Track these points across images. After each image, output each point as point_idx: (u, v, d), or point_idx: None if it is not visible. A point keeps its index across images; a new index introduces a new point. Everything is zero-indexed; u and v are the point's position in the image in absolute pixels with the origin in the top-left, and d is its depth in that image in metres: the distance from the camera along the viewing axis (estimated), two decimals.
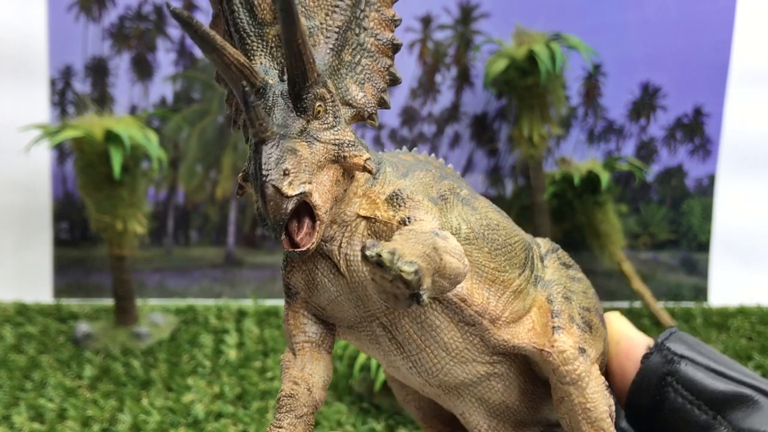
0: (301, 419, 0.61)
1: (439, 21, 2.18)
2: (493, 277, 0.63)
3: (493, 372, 0.65)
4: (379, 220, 0.60)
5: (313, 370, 0.62)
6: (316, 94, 0.55)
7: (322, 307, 0.62)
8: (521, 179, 2.25)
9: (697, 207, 2.26)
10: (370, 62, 0.60)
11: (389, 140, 2.22)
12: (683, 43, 2.16)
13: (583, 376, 0.63)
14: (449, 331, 0.61)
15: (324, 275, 0.60)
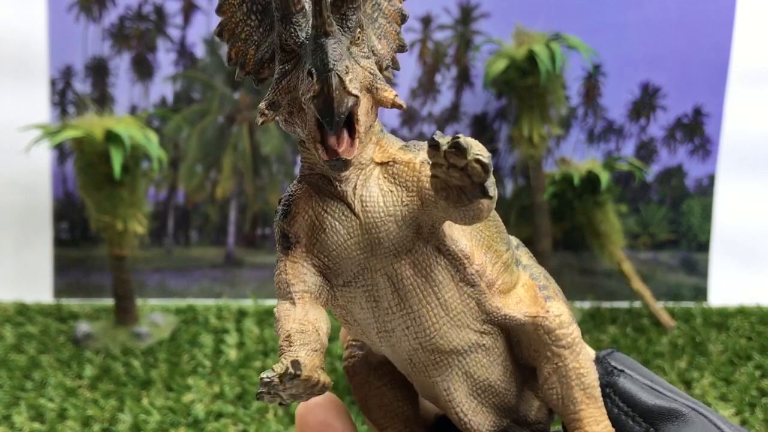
0: (317, 353, 0.58)
1: (439, 21, 2.18)
2: (488, 244, 0.65)
3: (482, 343, 0.65)
4: (399, 162, 0.62)
5: (317, 316, 0.60)
6: (358, 19, 0.57)
7: (327, 254, 0.60)
8: (521, 179, 2.25)
9: (696, 207, 2.26)
10: (384, 22, 0.63)
11: None
12: (683, 43, 2.17)
13: (577, 341, 0.65)
14: (449, 290, 0.62)
15: (335, 217, 0.60)
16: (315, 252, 0.60)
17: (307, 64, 0.54)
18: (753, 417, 1.52)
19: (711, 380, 1.69)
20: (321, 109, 0.53)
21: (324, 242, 0.60)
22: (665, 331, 1.99)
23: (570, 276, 2.27)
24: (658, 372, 1.74)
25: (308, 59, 0.54)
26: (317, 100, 0.53)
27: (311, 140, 0.56)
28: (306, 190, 0.61)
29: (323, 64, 0.53)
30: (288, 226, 0.60)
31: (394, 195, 0.60)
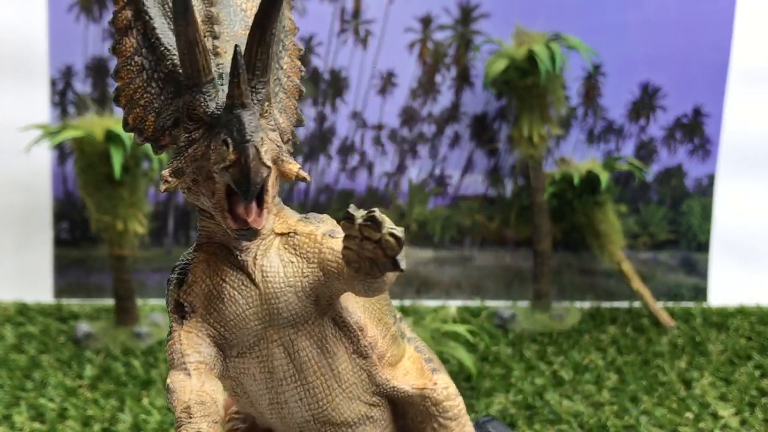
0: (217, 425, 0.58)
1: (439, 21, 2.18)
2: (379, 317, 0.66)
3: (370, 415, 0.66)
4: (300, 233, 0.62)
5: (214, 387, 0.59)
6: (267, 92, 0.58)
7: (224, 324, 0.60)
8: (521, 179, 2.25)
9: (696, 207, 2.26)
10: (284, 97, 0.65)
11: (389, 140, 2.22)
12: (683, 44, 2.17)
13: (463, 413, 0.67)
14: (343, 362, 0.63)
15: (233, 287, 0.60)
16: (211, 322, 0.60)
17: (222, 134, 0.53)
18: (753, 417, 1.52)
19: (711, 380, 1.70)
20: (237, 178, 0.53)
21: (221, 312, 0.60)
22: (665, 331, 2.00)
23: (570, 276, 2.27)
24: (658, 372, 1.74)
25: (222, 129, 0.54)
26: (233, 170, 0.53)
27: (219, 209, 0.56)
28: (203, 259, 0.61)
29: (240, 135, 0.53)
30: (183, 294, 0.60)
31: (295, 266, 0.61)
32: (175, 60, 0.59)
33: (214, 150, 0.55)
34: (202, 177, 0.56)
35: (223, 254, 0.61)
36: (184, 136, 0.57)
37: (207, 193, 0.57)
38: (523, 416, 1.53)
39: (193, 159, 0.56)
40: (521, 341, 1.93)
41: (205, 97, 0.56)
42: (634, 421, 1.50)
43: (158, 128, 0.59)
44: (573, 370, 1.75)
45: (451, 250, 2.26)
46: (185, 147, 0.57)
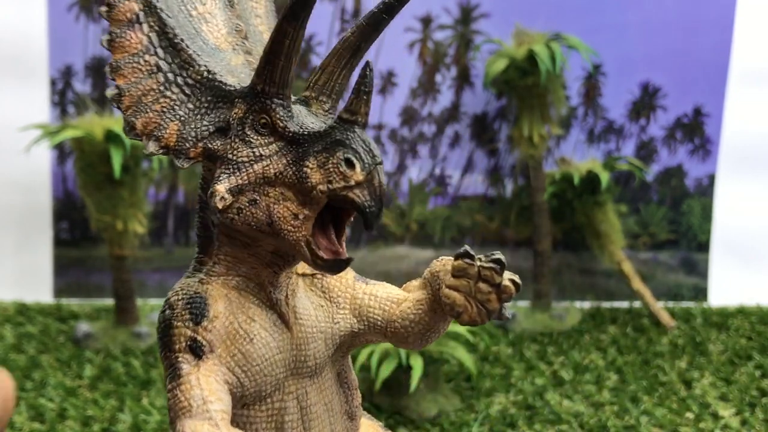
0: None
1: (439, 21, 2.18)
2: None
3: None
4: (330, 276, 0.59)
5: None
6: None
7: (247, 369, 0.53)
8: (521, 179, 2.25)
9: (696, 207, 2.26)
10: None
11: (389, 140, 2.22)
12: (683, 43, 2.17)
13: None
14: (339, 422, 0.60)
15: (265, 328, 0.54)
16: (232, 365, 0.53)
17: (342, 152, 0.49)
18: (753, 417, 1.52)
19: (711, 380, 1.69)
20: (367, 201, 0.49)
21: (249, 355, 0.53)
22: (665, 331, 1.99)
23: (570, 276, 2.27)
24: (658, 372, 1.74)
25: (335, 147, 0.50)
26: (362, 192, 0.49)
27: (298, 236, 0.50)
28: (221, 294, 0.54)
29: (370, 155, 0.51)
30: (203, 332, 0.52)
31: (326, 310, 0.58)
32: (210, 67, 0.55)
33: (313, 168, 0.49)
34: (268, 198, 0.50)
35: (250, 289, 0.55)
36: (246, 150, 0.51)
37: (274, 216, 0.50)
38: (524, 416, 1.52)
39: (261, 177, 0.51)
40: (521, 341, 1.93)
41: (286, 111, 0.52)
42: (634, 422, 1.50)
43: (187, 138, 0.53)
44: (573, 370, 1.75)
45: (451, 250, 2.26)
46: (248, 163, 0.51)
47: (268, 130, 0.52)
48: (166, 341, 0.53)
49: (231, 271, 0.55)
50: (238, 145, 0.52)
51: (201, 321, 0.52)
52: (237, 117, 0.53)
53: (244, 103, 0.53)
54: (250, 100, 0.52)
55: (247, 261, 0.55)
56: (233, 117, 0.53)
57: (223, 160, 0.52)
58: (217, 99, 0.54)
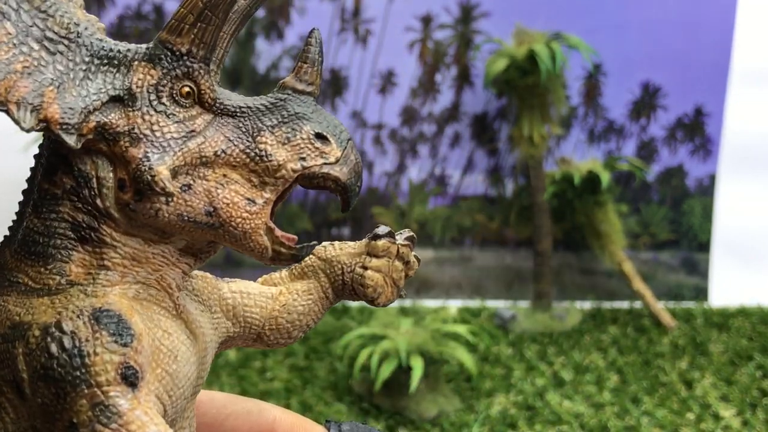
0: None
1: (439, 20, 2.17)
2: None
3: None
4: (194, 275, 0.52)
5: None
6: None
7: (172, 393, 0.45)
8: (521, 179, 2.24)
9: (697, 207, 2.25)
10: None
11: (389, 140, 2.22)
12: (684, 43, 2.16)
13: None
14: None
15: (182, 341, 0.46)
16: (161, 392, 0.43)
17: (309, 126, 0.44)
18: (754, 417, 1.52)
19: (712, 381, 1.69)
20: (347, 180, 0.44)
21: (176, 376, 0.45)
22: (666, 332, 1.99)
23: (570, 276, 2.27)
24: (659, 372, 1.74)
25: (303, 120, 0.44)
26: (341, 168, 0.44)
27: (254, 223, 0.44)
28: (129, 305, 0.43)
29: (341, 130, 0.45)
30: (134, 354, 0.41)
31: (206, 315, 0.50)
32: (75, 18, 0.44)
33: (291, 145, 0.44)
34: (207, 182, 0.43)
35: (152, 298, 0.46)
36: (172, 125, 0.43)
37: (219, 203, 0.43)
38: (524, 417, 1.52)
39: (197, 157, 0.43)
40: (522, 341, 1.92)
41: (214, 79, 0.44)
42: (635, 422, 1.49)
43: (73, 109, 0.42)
44: (574, 370, 1.75)
45: (451, 250, 2.25)
46: (179, 140, 0.43)
47: (190, 101, 0.44)
48: (79, 377, 0.39)
49: (127, 278, 0.45)
50: (156, 119, 0.43)
51: (130, 341, 0.41)
52: (147, 84, 0.43)
53: (154, 66, 0.44)
54: (168, 63, 0.44)
55: (150, 262, 0.46)
56: (138, 83, 0.43)
57: (136, 137, 0.43)
58: (100, 60, 0.44)
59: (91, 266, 0.44)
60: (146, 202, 0.43)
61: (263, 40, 2.09)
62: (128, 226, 0.44)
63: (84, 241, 0.44)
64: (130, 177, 0.43)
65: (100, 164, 0.44)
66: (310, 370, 1.74)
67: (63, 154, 0.44)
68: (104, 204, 0.44)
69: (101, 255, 0.44)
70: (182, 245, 0.47)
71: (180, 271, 0.47)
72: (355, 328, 1.66)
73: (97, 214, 0.44)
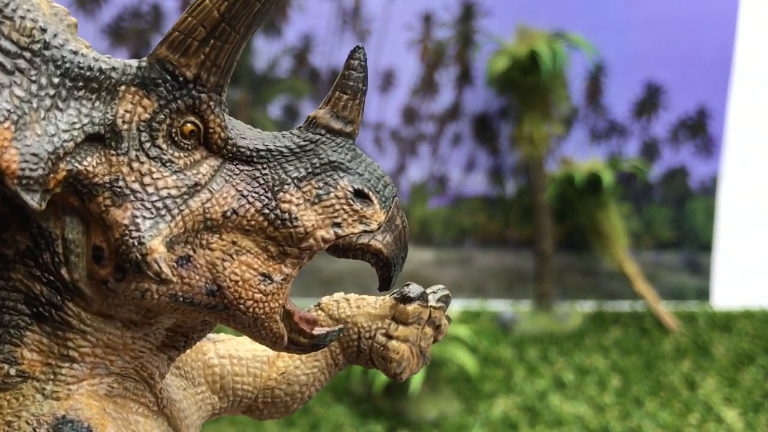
0: None
1: (439, 19, 2.16)
2: None
3: None
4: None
5: None
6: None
7: None
8: (522, 179, 2.23)
9: (700, 207, 2.24)
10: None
11: (389, 139, 2.20)
12: (686, 42, 2.15)
13: None
14: None
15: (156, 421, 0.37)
16: None
17: (347, 180, 0.34)
18: (757, 419, 1.51)
19: (715, 382, 1.68)
20: (393, 251, 0.34)
21: None
22: (668, 333, 1.98)
23: (572, 277, 2.25)
24: (661, 374, 1.72)
25: (339, 171, 0.34)
26: (383, 236, 0.34)
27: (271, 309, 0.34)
28: (101, 410, 0.34)
29: (385, 184, 0.35)
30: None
31: (188, 393, 0.42)
32: (43, 24, 0.31)
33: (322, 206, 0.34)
34: (212, 253, 0.33)
35: (129, 394, 0.36)
36: (169, 176, 0.33)
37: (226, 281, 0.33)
38: (525, 418, 1.51)
39: (200, 221, 0.33)
40: (523, 343, 1.91)
41: (224, 112, 0.34)
42: (637, 424, 1.48)
43: (36, 154, 0.30)
44: (575, 372, 1.73)
45: (451, 251, 2.24)
46: (178, 198, 0.33)
47: (194, 142, 0.33)
48: None
49: (97, 370, 0.35)
50: (149, 167, 0.32)
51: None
52: (138, 118, 0.33)
53: (148, 95, 0.32)
54: (168, 91, 0.33)
55: (129, 349, 0.35)
56: (125, 117, 0.32)
57: (120, 193, 0.32)
58: (73, 82, 0.32)
59: (51, 354, 0.33)
60: (131, 282, 0.32)
61: (262, 38, 2.08)
62: (102, 305, 0.33)
63: (41, 320, 0.33)
64: (110, 247, 0.32)
65: (68, 222, 0.32)
66: None
67: (17, 205, 0.31)
68: (71, 276, 0.32)
69: (65, 341, 0.33)
70: (170, 324, 0.36)
71: (165, 358, 0.37)
72: None
73: (60, 287, 0.33)
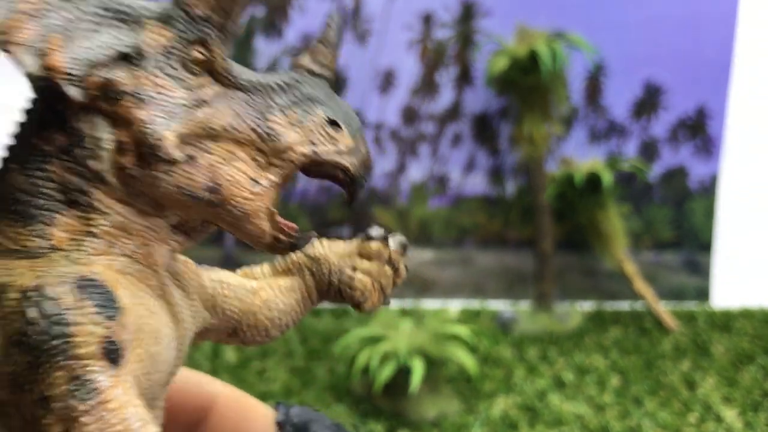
0: None
1: (440, 19, 2.16)
2: None
3: None
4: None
5: None
6: None
7: (150, 376, 0.42)
8: (523, 179, 2.23)
9: (699, 207, 2.24)
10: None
11: (390, 140, 2.21)
12: (686, 41, 2.15)
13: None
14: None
15: (166, 323, 0.43)
16: (138, 374, 0.40)
17: (322, 110, 0.42)
18: (756, 418, 1.51)
19: (714, 382, 1.68)
20: (357, 172, 0.43)
21: (157, 359, 0.42)
22: (668, 333, 1.98)
23: (572, 277, 2.26)
24: (661, 374, 1.72)
25: (316, 103, 0.42)
26: (351, 158, 0.42)
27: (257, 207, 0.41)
28: (116, 278, 0.40)
29: (353, 118, 0.43)
30: (119, 329, 0.38)
31: (186, 301, 0.47)
32: None
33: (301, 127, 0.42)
34: (211, 156, 0.41)
35: (136, 274, 0.42)
36: (181, 91, 0.41)
37: (222, 179, 0.41)
38: (525, 418, 1.51)
39: (204, 128, 0.41)
40: (523, 343, 1.91)
41: (227, 49, 0.42)
42: (636, 424, 1.48)
43: (78, 60, 0.39)
44: (575, 372, 1.74)
45: (451, 251, 2.24)
46: (188, 107, 0.41)
47: (201, 69, 0.42)
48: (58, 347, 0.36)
49: (113, 249, 0.41)
50: (165, 82, 0.41)
51: (115, 315, 0.37)
52: (158, 44, 0.41)
53: (166, 27, 0.41)
54: (183, 26, 0.41)
55: (140, 235, 0.42)
56: (148, 43, 0.41)
57: (141, 99, 0.40)
58: (110, 13, 0.41)
59: (77, 232, 0.40)
60: (147, 168, 0.40)
61: (262, 39, 2.08)
62: (122, 192, 0.41)
63: (71, 204, 0.41)
64: (132, 139, 0.40)
65: (97, 123, 0.40)
66: (310, 372, 1.73)
67: (57, 110, 0.41)
68: (99, 166, 0.40)
69: (89, 220, 0.41)
70: (175, 221, 0.44)
71: (169, 249, 0.44)
72: (354, 330, 1.65)
73: (89, 177, 0.41)
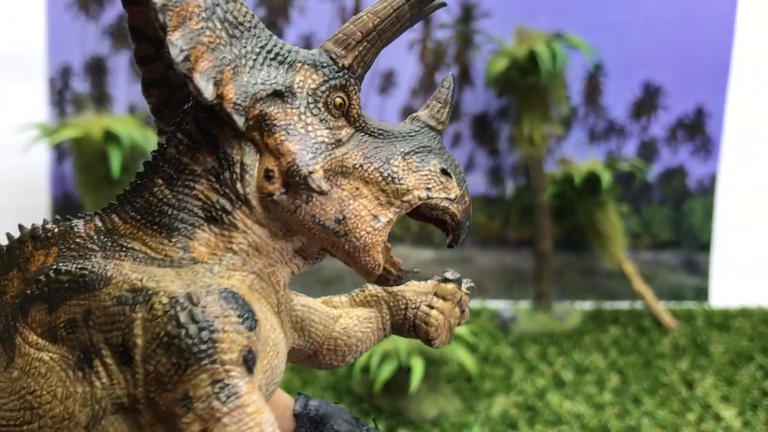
0: None
1: (439, 20, 2.17)
2: None
3: None
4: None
5: None
6: None
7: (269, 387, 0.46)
8: (522, 179, 2.24)
9: (698, 207, 2.25)
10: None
11: None
12: (685, 42, 2.16)
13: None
14: None
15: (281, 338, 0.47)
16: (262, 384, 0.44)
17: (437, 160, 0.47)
18: (755, 417, 1.51)
19: (713, 381, 1.69)
20: (462, 218, 0.48)
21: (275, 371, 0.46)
22: (667, 332, 1.99)
23: (571, 276, 2.26)
24: (659, 373, 1.73)
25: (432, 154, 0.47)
26: (458, 206, 0.47)
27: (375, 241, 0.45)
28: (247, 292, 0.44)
29: (461, 170, 0.49)
30: (256, 340, 0.41)
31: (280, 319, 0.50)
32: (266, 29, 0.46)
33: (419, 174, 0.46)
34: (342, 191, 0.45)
35: (261, 291, 0.46)
36: (324, 130, 0.45)
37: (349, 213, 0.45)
38: (524, 417, 1.51)
39: (339, 165, 0.45)
40: (522, 342, 1.92)
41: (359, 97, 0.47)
42: (635, 423, 1.49)
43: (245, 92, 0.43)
44: (574, 371, 1.74)
45: (451, 251, 2.25)
46: (329, 145, 0.45)
47: (340, 113, 0.46)
48: (204, 351, 0.38)
49: (246, 267, 0.45)
50: (311, 120, 0.45)
51: (253, 326, 0.41)
52: (308, 86, 0.45)
53: (316, 72, 0.46)
54: (330, 72, 0.46)
55: (269, 256, 0.46)
56: (299, 84, 0.45)
57: (291, 133, 0.44)
58: (268, 54, 0.45)
59: (217, 247, 0.44)
60: (291, 196, 0.44)
61: None
62: (261, 215, 0.45)
63: (212, 222, 0.45)
64: (281, 169, 0.44)
65: (247, 151, 0.44)
66: (310, 371, 1.73)
67: (212, 134, 0.45)
68: (244, 190, 0.44)
69: (230, 238, 0.45)
70: (298, 246, 0.47)
71: (290, 271, 0.48)
72: None
73: (233, 198, 0.45)
